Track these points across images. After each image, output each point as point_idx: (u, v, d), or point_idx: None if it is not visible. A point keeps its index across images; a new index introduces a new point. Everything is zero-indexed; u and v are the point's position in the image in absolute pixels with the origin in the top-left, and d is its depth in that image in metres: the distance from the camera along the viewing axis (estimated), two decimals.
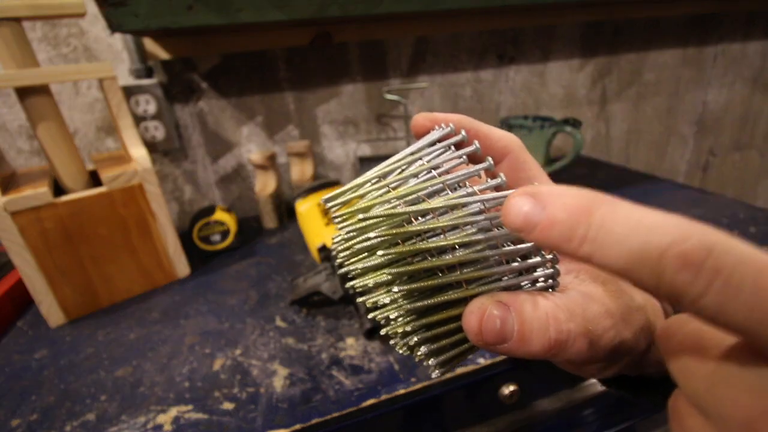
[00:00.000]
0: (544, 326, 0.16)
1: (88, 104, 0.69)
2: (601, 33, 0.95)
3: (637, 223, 0.12)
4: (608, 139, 1.09)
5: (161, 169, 0.76)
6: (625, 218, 0.12)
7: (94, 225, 0.51)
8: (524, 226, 0.14)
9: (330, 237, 0.51)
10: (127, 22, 0.47)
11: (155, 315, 0.52)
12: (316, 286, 0.48)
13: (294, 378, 0.39)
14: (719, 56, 1.10)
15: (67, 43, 0.65)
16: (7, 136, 0.67)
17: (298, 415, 0.35)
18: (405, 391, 0.37)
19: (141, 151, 0.53)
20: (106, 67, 0.50)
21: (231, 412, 0.36)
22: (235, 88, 0.75)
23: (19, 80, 0.45)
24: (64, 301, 0.51)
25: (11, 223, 0.46)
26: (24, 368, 0.44)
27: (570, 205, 0.13)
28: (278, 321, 0.48)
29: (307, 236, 0.61)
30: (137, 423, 0.36)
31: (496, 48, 0.88)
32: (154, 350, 0.45)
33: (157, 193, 0.54)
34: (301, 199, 0.65)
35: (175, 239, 0.58)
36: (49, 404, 0.39)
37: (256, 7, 0.50)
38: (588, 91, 1.01)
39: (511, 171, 0.22)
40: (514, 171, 0.22)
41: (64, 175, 0.51)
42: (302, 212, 0.63)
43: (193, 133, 0.75)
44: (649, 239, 0.12)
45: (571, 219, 0.13)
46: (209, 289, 0.57)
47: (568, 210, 0.13)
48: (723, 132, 1.21)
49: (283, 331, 0.47)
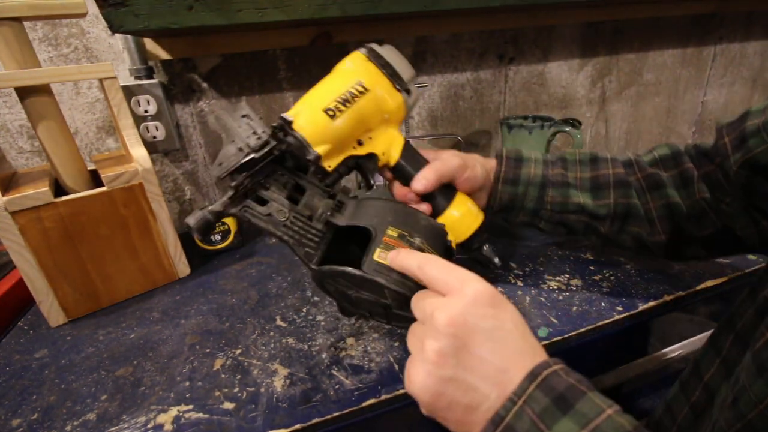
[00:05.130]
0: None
1: (89, 104, 0.69)
2: (601, 33, 0.95)
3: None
4: (608, 139, 1.09)
5: (161, 169, 0.76)
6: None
7: (95, 225, 0.51)
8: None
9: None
10: (127, 23, 0.47)
11: (155, 315, 0.52)
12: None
13: (294, 378, 0.40)
14: (719, 56, 1.10)
15: (67, 44, 0.65)
16: (8, 136, 0.67)
17: (298, 415, 0.35)
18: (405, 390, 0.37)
19: (141, 151, 0.53)
20: (107, 67, 0.50)
21: (231, 411, 0.36)
22: (235, 88, 0.75)
23: (20, 80, 0.45)
24: (64, 301, 0.51)
25: (12, 223, 0.46)
26: (24, 368, 0.45)
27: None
28: (278, 321, 0.48)
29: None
30: (138, 423, 0.36)
31: (496, 48, 0.88)
32: (154, 350, 0.45)
33: (158, 193, 0.54)
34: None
35: (176, 239, 0.58)
36: (49, 404, 0.39)
37: (256, 7, 0.50)
38: (588, 91, 1.01)
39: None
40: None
41: (64, 175, 0.51)
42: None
43: (193, 133, 0.75)
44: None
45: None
46: (209, 288, 0.57)
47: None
48: None
49: (283, 330, 0.47)
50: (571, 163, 0.48)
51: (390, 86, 0.43)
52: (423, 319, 0.27)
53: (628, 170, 0.46)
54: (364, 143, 0.42)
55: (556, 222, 0.47)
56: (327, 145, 0.38)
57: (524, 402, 0.23)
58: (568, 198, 0.46)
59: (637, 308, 0.45)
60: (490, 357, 0.24)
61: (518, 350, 0.25)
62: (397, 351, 0.42)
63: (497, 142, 0.98)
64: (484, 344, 0.24)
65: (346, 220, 0.37)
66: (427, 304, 0.27)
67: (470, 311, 0.25)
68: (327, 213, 0.37)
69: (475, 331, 0.25)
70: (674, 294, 0.47)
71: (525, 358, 0.24)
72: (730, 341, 0.34)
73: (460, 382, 0.24)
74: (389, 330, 0.45)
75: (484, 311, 0.25)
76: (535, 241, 0.61)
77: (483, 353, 0.24)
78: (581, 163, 0.48)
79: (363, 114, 0.41)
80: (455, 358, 0.24)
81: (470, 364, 0.24)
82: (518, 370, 0.24)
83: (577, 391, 0.23)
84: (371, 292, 0.34)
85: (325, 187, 0.39)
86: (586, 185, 0.46)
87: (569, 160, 0.48)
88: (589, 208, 0.45)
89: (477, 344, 0.24)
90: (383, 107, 0.42)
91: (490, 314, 0.25)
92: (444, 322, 0.25)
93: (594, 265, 0.54)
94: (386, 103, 0.42)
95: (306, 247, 0.36)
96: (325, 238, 0.37)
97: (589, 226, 0.46)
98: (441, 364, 0.24)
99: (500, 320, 0.25)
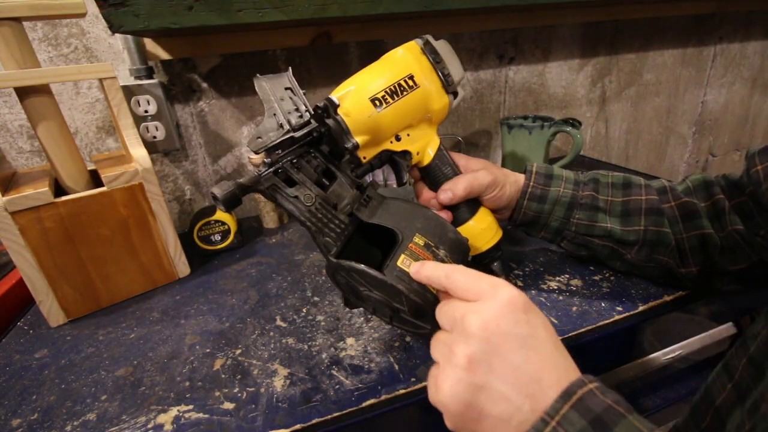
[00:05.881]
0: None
1: (89, 104, 0.69)
2: (601, 33, 0.95)
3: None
4: (608, 139, 1.09)
5: (161, 169, 0.76)
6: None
7: (95, 225, 0.51)
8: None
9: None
10: (127, 23, 0.47)
11: (155, 315, 0.52)
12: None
13: (294, 378, 0.40)
14: (718, 56, 1.10)
15: (67, 44, 0.65)
16: (8, 136, 0.67)
17: (298, 415, 0.35)
18: (405, 390, 0.37)
19: (141, 151, 0.53)
20: (107, 67, 0.50)
21: (231, 411, 0.36)
22: (235, 88, 0.75)
23: (20, 80, 0.45)
24: (64, 301, 0.51)
25: (12, 223, 0.46)
26: (24, 368, 0.45)
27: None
28: (278, 321, 0.48)
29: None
30: (138, 423, 0.36)
31: (496, 48, 0.88)
32: (154, 350, 0.45)
33: (158, 193, 0.54)
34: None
35: (176, 239, 0.58)
36: (49, 404, 0.39)
37: (256, 7, 0.50)
38: (588, 91, 1.01)
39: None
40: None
41: (64, 175, 0.51)
42: None
43: (193, 133, 0.75)
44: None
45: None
46: (209, 288, 0.57)
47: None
48: (722, 132, 1.22)
49: (283, 330, 0.47)
50: (604, 185, 0.46)
51: (439, 86, 0.41)
52: (452, 325, 0.26)
53: (662, 197, 0.44)
54: (401, 139, 0.41)
55: (579, 244, 0.47)
56: (366, 136, 0.37)
57: (558, 423, 0.21)
58: (595, 222, 0.45)
59: (637, 308, 0.45)
60: (523, 365, 0.23)
61: (551, 360, 0.24)
62: (397, 351, 0.42)
63: (497, 142, 0.98)
64: (517, 351, 0.23)
65: (371, 217, 0.36)
66: (456, 310, 0.26)
67: (504, 316, 0.24)
68: (353, 205, 0.36)
69: (509, 336, 0.23)
70: (674, 294, 0.47)
71: (558, 370, 0.23)
72: (743, 365, 0.33)
73: (492, 391, 0.23)
74: (389, 330, 0.45)
75: (517, 317, 0.24)
76: (535, 242, 0.61)
77: (516, 360, 0.23)
78: (614, 186, 0.46)
79: (408, 109, 0.39)
80: (487, 364, 0.23)
81: (502, 371, 0.23)
82: (551, 383, 0.23)
83: (615, 413, 0.21)
84: (385, 295, 0.34)
85: (355, 178, 0.38)
86: (616, 210, 0.45)
87: (602, 182, 0.47)
88: (616, 234, 0.44)
89: (510, 351, 0.23)
90: (428, 106, 0.41)
91: (523, 320, 0.24)
92: (477, 325, 0.24)
93: (594, 265, 0.53)
94: (432, 101, 0.41)
95: (326, 236, 0.35)
96: (346, 230, 0.36)
97: (615, 252, 0.46)
98: (472, 370, 0.23)
99: (533, 327, 0.24)
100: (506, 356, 0.23)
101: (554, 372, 0.23)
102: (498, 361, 0.23)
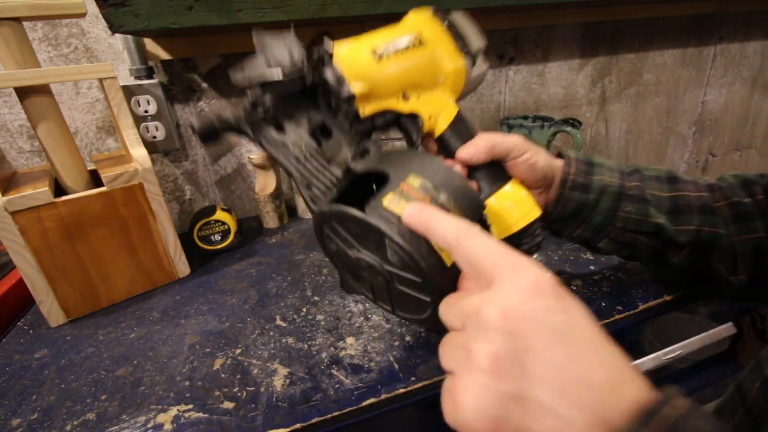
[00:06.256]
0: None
1: (89, 104, 0.69)
2: (601, 33, 0.95)
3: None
4: (608, 139, 1.09)
5: (161, 169, 0.76)
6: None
7: (95, 225, 0.51)
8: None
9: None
10: (127, 23, 0.47)
11: (155, 314, 0.52)
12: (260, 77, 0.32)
13: (294, 377, 0.40)
14: (718, 56, 1.10)
15: (67, 44, 0.65)
16: (8, 136, 0.67)
17: (298, 415, 0.35)
18: (405, 390, 0.37)
19: (141, 151, 0.53)
20: (107, 67, 0.50)
21: (231, 411, 0.36)
22: (235, 88, 0.75)
23: (20, 80, 0.45)
24: (64, 301, 0.51)
25: (12, 223, 0.46)
26: (24, 368, 0.45)
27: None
28: (278, 320, 0.48)
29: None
30: (137, 422, 0.36)
31: (496, 48, 0.88)
32: (154, 350, 0.45)
33: (158, 193, 0.54)
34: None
35: (176, 239, 0.58)
36: (49, 404, 0.39)
37: (256, 7, 0.50)
38: (588, 91, 1.01)
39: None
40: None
41: (64, 175, 0.51)
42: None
43: (193, 133, 0.75)
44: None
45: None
46: (209, 288, 0.57)
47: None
48: (722, 132, 1.22)
49: (283, 330, 0.47)
50: (647, 177, 0.41)
51: (452, 47, 0.37)
52: (464, 321, 0.21)
53: (714, 195, 0.40)
54: (410, 99, 0.37)
55: (622, 242, 0.40)
56: (365, 83, 0.34)
57: None
58: (646, 216, 0.38)
59: (637, 308, 0.45)
60: (565, 363, 0.18)
61: (603, 358, 0.18)
62: (397, 350, 0.42)
63: None
64: (554, 346, 0.18)
65: (364, 166, 0.31)
66: (467, 303, 0.21)
67: (530, 301, 0.19)
68: (348, 158, 0.33)
69: (541, 327, 0.18)
70: (674, 294, 0.47)
71: (612, 371, 0.18)
72: (757, 388, 0.29)
73: (528, 401, 0.18)
74: (389, 330, 0.45)
75: (547, 302, 0.19)
76: None
77: (555, 358, 0.18)
78: (658, 179, 0.41)
79: (414, 67, 0.36)
80: (517, 365, 0.18)
81: (539, 373, 0.18)
82: (607, 388, 0.17)
83: None
84: (373, 252, 0.28)
85: (355, 135, 0.34)
86: (665, 205, 0.39)
87: (645, 174, 0.41)
88: (668, 233, 0.38)
89: (544, 346, 0.18)
90: (440, 67, 0.37)
91: (557, 308, 0.19)
92: (496, 315, 0.19)
93: (594, 265, 0.53)
94: (444, 63, 0.37)
95: (315, 188, 0.32)
96: (338, 185, 0.32)
97: (660, 253, 0.40)
98: (499, 373, 0.18)
99: (571, 315, 0.19)
100: (542, 353, 0.18)
101: (610, 374, 0.18)
102: (531, 360, 0.18)
